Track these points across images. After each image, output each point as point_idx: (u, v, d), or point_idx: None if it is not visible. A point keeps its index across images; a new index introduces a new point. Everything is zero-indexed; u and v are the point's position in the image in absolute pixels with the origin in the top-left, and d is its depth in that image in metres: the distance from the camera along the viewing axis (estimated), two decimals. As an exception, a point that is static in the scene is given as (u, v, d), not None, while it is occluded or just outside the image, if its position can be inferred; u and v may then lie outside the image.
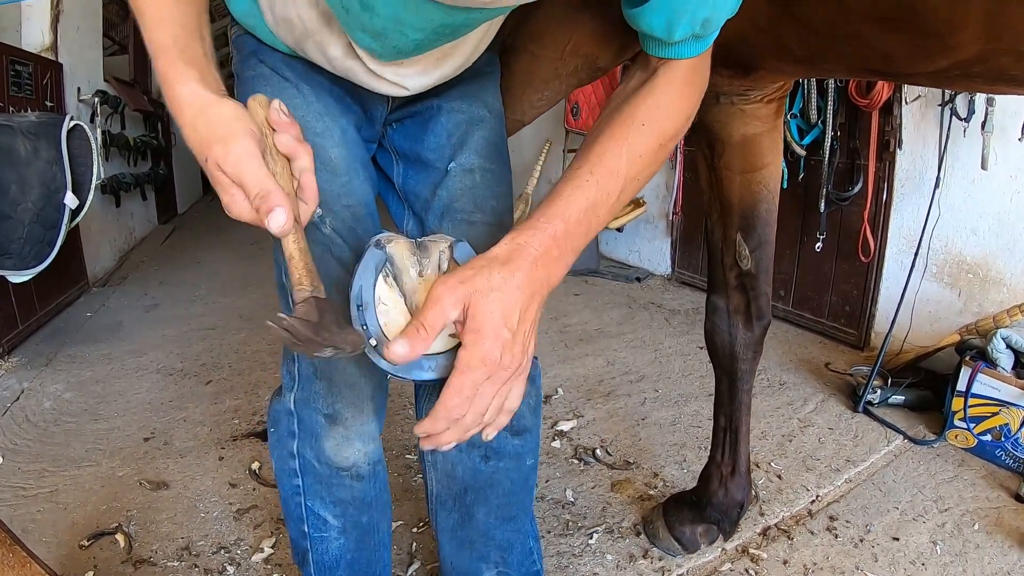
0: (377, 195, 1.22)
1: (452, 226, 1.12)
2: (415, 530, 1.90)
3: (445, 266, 0.89)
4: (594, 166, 0.86)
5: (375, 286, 0.87)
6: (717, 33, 0.87)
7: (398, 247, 0.89)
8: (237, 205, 0.74)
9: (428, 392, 1.27)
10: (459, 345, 0.81)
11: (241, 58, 1.08)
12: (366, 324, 0.85)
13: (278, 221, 0.73)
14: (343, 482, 1.20)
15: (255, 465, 2.18)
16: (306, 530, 1.25)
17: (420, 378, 0.86)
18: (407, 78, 1.02)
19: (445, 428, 0.81)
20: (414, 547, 1.83)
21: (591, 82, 1.30)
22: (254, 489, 2.09)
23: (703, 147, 1.49)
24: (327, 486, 1.20)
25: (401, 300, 0.87)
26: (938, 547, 1.83)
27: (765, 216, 1.49)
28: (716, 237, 1.58)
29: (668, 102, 0.90)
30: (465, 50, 1.04)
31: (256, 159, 0.74)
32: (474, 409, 0.81)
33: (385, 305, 0.86)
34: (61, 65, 3.96)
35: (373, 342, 0.84)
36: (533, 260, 0.81)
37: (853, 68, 1.17)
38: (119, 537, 1.84)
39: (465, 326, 0.78)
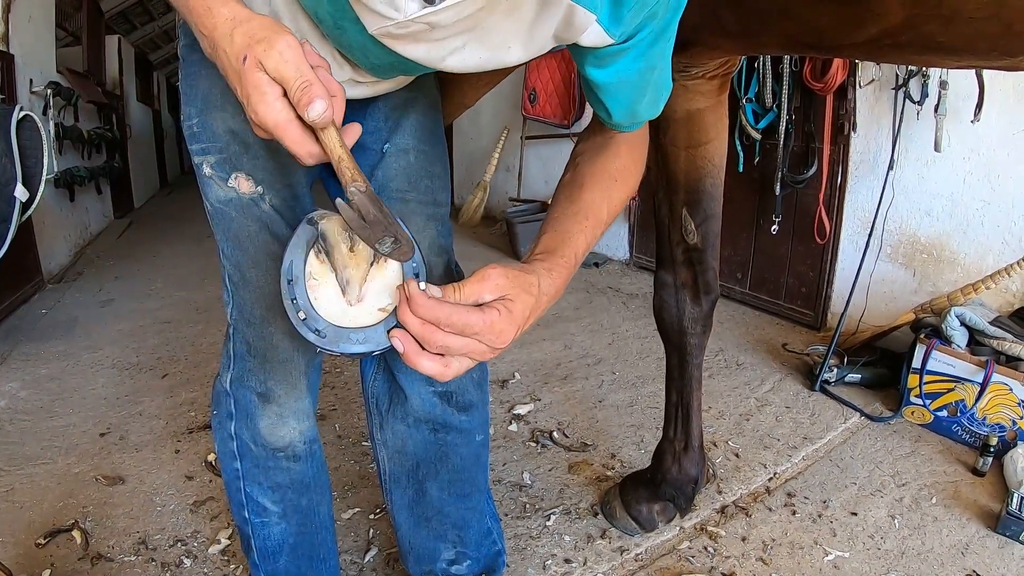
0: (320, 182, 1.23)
1: (387, 204, 1.13)
2: (372, 516, 1.88)
3: None
4: (586, 211, 0.99)
5: (306, 261, 0.87)
6: None
7: (330, 223, 0.89)
8: (267, 107, 0.72)
9: (375, 368, 1.29)
10: (385, 320, 0.85)
11: (189, 41, 1.07)
12: (295, 298, 0.85)
13: (318, 109, 0.71)
14: (280, 464, 1.21)
15: (211, 457, 2.16)
16: (247, 516, 1.26)
17: (349, 351, 0.86)
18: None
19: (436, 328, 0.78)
20: (371, 533, 1.82)
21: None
22: (210, 481, 2.06)
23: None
24: (264, 470, 1.21)
25: (332, 275, 0.87)
26: (896, 521, 1.86)
27: (710, 190, 1.50)
28: (663, 213, 1.58)
29: (632, 163, 1.06)
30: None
31: (299, 54, 0.72)
32: (454, 340, 0.79)
33: (316, 280, 0.87)
34: (12, 56, 3.86)
35: (302, 315, 0.84)
36: (554, 288, 0.91)
37: (787, 42, 1.19)
38: (75, 534, 1.81)
39: (501, 301, 0.82)
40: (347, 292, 0.86)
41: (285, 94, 0.73)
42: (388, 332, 0.83)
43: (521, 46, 0.83)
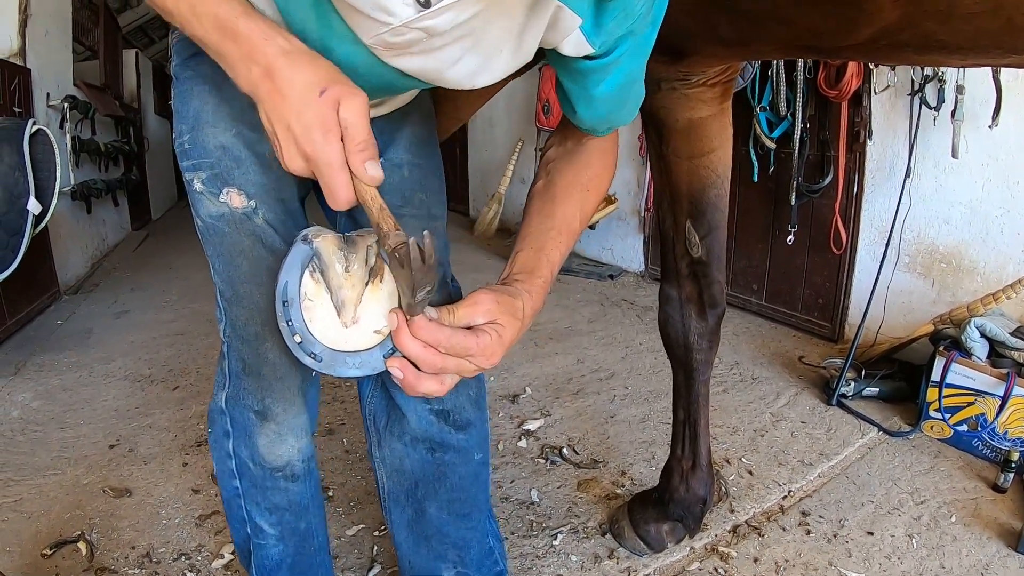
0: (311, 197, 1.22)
1: None
2: (376, 533, 1.87)
3: (372, 261, 0.87)
4: (560, 226, 1.03)
5: (301, 282, 0.86)
6: None
7: (325, 242, 0.88)
8: (332, 146, 0.74)
9: (373, 386, 1.28)
10: (381, 344, 0.85)
11: (182, 60, 1.06)
12: (291, 320, 0.85)
13: (376, 170, 0.76)
14: (278, 484, 1.21)
15: (217, 471, 2.16)
16: (248, 533, 1.26)
17: (345, 375, 0.85)
18: None
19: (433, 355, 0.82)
20: (375, 550, 1.80)
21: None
22: (216, 495, 2.05)
23: (651, 134, 1.47)
24: (262, 491, 1.21)
25: (327, 296, 0.86)
26: (914, 540, 1.82)
27: (715, 201, 1.46)
28: (667, 225, 1.55)
29: (604, 169, 1.10)
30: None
31: (368, 112, 0.76)
32: (445, 363, 0.84)
33: (311, 301, 0.86)
34: (29, 70, 3.90)
35: (298, 339, 0.84)
36: (533, 310, 0.96)
37: (784, 47, 1.17)
38: (81, 545, 1.81)
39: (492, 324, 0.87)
40: (342, 313, 0.85)
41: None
42: (385, 358, 0.84)
43: (511, 51, 0.83)
